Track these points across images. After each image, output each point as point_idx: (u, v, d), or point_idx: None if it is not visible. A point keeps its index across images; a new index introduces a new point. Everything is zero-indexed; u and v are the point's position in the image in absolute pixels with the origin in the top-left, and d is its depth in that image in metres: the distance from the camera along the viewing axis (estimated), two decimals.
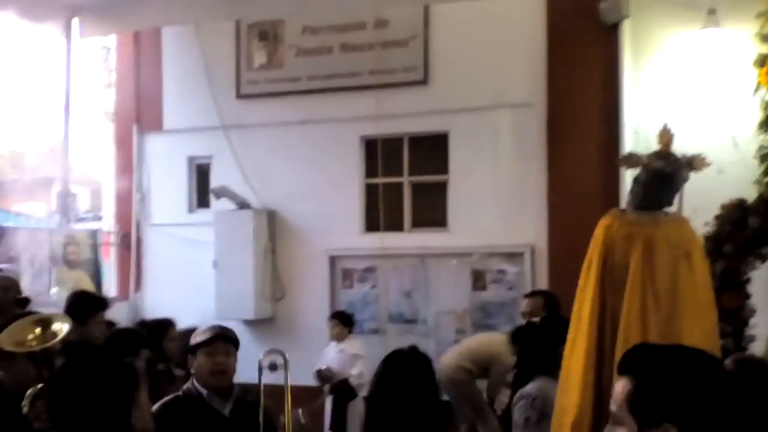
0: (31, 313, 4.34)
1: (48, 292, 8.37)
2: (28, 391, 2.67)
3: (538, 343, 3.93)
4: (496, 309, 7.90)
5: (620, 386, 1.65)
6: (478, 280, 8.01)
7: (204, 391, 3.55)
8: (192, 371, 3.60)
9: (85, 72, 9.89)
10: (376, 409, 2.99)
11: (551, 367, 3.73)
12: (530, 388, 3.78)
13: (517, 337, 4.41)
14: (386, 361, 3.01)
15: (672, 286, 3.33)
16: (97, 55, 10.18)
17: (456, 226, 8.09)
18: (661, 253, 3.36)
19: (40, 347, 2.88)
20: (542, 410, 3.70)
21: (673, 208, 3.53)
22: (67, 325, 3.04)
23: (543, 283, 7.31)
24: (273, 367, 3.88)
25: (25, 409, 2.60)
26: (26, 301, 5.73)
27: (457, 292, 8.05)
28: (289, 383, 3.83)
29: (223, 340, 3.59)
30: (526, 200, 7.66)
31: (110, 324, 5.23)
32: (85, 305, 4.76)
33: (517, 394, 3.82)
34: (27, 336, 2.95)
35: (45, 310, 5.68)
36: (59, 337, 2.94)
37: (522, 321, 5.44)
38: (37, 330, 2.98)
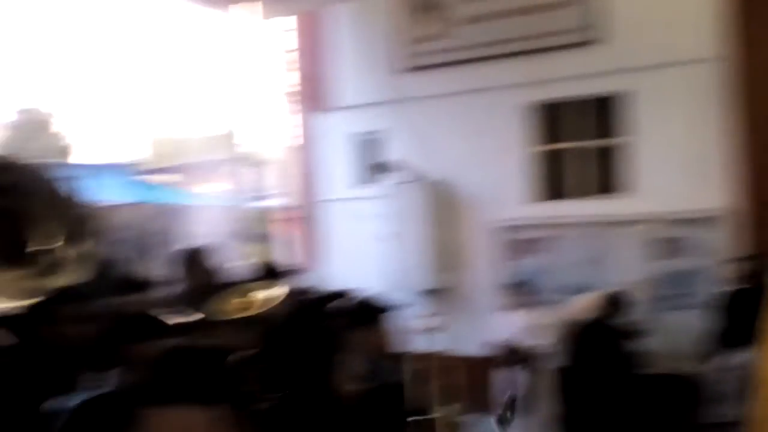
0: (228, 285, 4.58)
1: (232, 267, 8.83)
2: (236, 357, 2.79)
3: (744, 312, 3.65)
4: (679, 278, 7.47)
5: None
6: (659, 249, 7.61)
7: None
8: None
9: (265, 53, 10.26)
10: (574, 380, 2.88)
11: (754, 337, 3.45)
12: (737, 358, 3.53)
13: (723, 304, 4.11)
14: (581, 333, 2.89)
15: None
16: (277, 37, 10.54)
17: (633, 191, 7.71)
18: None
19: (253, 313, 3.01)
20: (748, 381, 3.44)
21: None
22: (275, 291, 3.16)
23: (735, 250, 6.82)
24: (433, 331, 3.86)
25: (234, 376, 2.70)
26: (224, 274, 6.07)
27: (635, 261, 7.70)
28: (452, 353, 3.79)
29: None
30: (714, 162, 7.16)
31: (298, 293, 5.41)
32: (272, 275, 4.94)
33: (721, 364, 3.57)
34: (236, 304, 3.10)
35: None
36: (268, 305, 3.06)
37: (721, 289, 5.08)
38: (244, 298, 3.12)
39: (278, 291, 3.18)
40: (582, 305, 5.56)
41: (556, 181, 8.14)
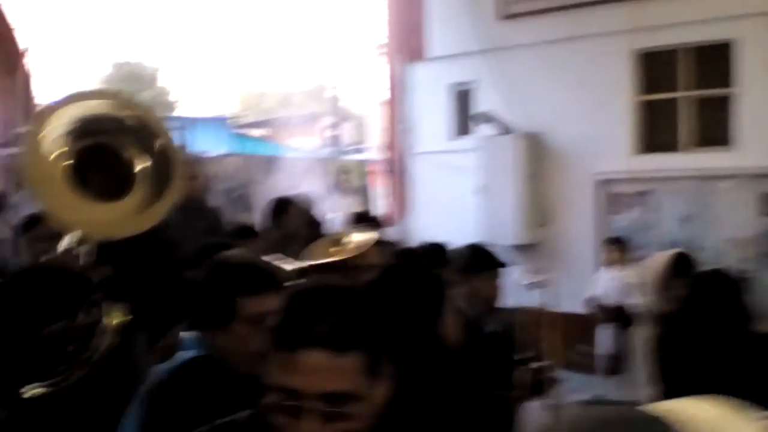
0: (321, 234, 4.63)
1: (324, 218, 8.96)
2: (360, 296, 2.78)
3: None
4: None
5: None
6: (763, 204, 7.23)
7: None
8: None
9: (357, 4, 10.22)
10: (680, 335, 2.76)
11: None
12: None
13: None
14: (693, 282, 2.76)
15: None
16: None
17: (743, 144, 7.31)
18: None
19: (348, 257, 3.06)
20: None
21: None
22: (368, 237, 3.18)
23: None
24: (532, 286, 3.78)
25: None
26: (318, 224, 6.16)
27: (741, 217, 7.33)
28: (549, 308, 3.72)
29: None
30: None
31: (389, 245, 5.41)
32: (364, 224, 4.94)
33: None
34: (331, 249, 3.15)
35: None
36: (362, 250, 3.08)
37: None
38: (339, 246, 3.16)
39: (371, 236, 3.18)
40: (655, 262, 5.37)
41: (657, 133, 7.81)
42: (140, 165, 3.30)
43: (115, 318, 2.64)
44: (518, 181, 8.32)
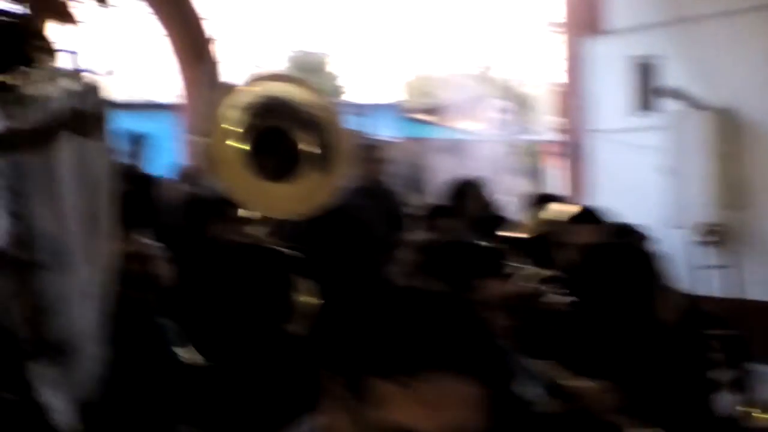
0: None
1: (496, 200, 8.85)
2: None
3: None
4: None
5: None
6: None
7: None
8: None
9: None
10: None
11: None
12: None
13: None
14: None
15: None
16: None
17: None
18: None
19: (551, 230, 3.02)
20: None
21: None
22: (566, 210, 3.10)
23: None
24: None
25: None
26: (496, 206, 6.09)
27: None
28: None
29: None
30: None
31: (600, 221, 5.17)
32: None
33: None
34: (531, 224, 3.11)
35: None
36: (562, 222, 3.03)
37: None
38: (536, 220, 3.13)
39: (569, 209, 3.08)
40: None
41: None
42: (309, 148, 3.41)
43: (310, 299, 2.71)
44: (708, 161, 7.79)
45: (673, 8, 8.09)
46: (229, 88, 3.49)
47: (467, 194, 5.55)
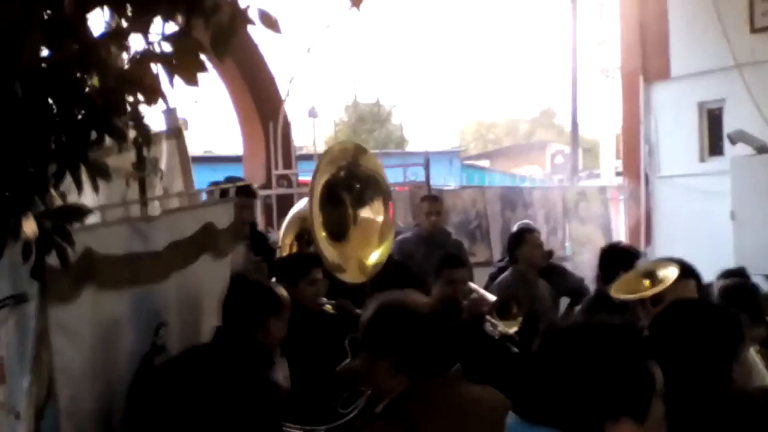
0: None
1: (563, 246, 8.73)
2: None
3: None
4: None
5: None
6: None
7: None
8: None
9: (580, 31, 10.01)
10: None
11: None
12: None
13: None
14: None
15: None
16: (591, 12, 10.21)
17: None
18: None
19: (652, 292, 3.00)
20: None
21: None
22: (674, 270, 3.06)
23: None
24: None
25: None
26: (550, 254, 6.01)
27: None
28: None
29: None
30: None
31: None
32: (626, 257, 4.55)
33: None
34: (638, 285, 3.12)
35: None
36: (666, 284, 2.99)
37: None
38: (646, 280, 3.11)
39: (672, 272, 3.02)
40: None
41: None
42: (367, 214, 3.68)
43: None
44: None
45: (740, 52, 7.99)
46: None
47: (527, 242, 5.49)
